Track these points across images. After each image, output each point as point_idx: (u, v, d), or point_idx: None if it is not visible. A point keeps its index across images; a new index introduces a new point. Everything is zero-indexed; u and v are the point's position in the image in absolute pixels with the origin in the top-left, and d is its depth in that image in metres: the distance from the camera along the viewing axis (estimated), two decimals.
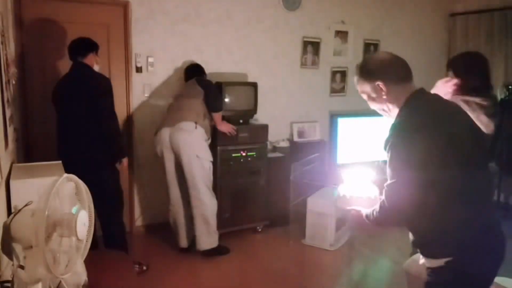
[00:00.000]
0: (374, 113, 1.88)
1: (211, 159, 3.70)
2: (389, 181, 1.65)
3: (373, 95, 1.76)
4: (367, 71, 1.77)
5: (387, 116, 1.80)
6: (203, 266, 3.67)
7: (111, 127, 3.32)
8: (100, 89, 3.28)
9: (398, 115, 1.70)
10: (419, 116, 1.62)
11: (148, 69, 4.13)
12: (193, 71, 4.01)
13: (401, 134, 1.61)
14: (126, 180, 4.16)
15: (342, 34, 5.13)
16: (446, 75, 2.65)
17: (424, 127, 1.58)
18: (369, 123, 4.88)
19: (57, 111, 3.37)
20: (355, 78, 1.82)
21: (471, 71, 2.56)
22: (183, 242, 3.85)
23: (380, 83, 1.71)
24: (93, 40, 3.43)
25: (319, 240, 4.04)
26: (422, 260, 1.77)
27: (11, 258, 1.44)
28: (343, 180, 2.04)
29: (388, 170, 1.66)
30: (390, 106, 1.73)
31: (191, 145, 3.57)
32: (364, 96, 1.81)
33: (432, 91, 2.67)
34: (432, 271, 1.69)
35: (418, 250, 1.76)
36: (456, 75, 2.55)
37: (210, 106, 3.72)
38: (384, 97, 1.72)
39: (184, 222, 3.81)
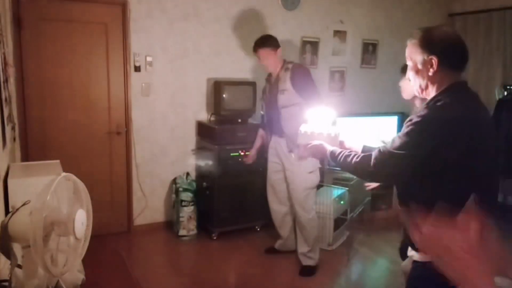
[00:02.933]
0: (372, 113, 1.87)
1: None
2: (389, 146, 1.60)
3: (420, 66, 1.62)
4: (427, 41, 1.60)
5: (418, 93, 1.69)
6: (202, 267, 3.67)
7: None
8: None
9: (433, 100, 1.59)
10: (453, 111, 1.52)
11: (147, 68, 4.12)
12: None
13: (428, 117, 1.53)
14: (124, 179, 4.17)
15: (340, 34, 5.13)
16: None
17: (454, 126, 1.50)
18: (367, 122, 4.89)
19: None
20: (410, 41, 1.65)
21: None
22: None
23: (434, 59, 1.57)
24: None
25: None
26: (411, 252, 1.73)
27: (8, 258, 1.43)
28: (306, 121, 2.09)
29: (394, 137, 1.60)
30: (430, 86, 1.63)
31: None
32: (409, 63, 1.67)
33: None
34: (419, 265, 1.65)
35: (407, 241, 1.70)
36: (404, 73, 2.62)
37: None
38: (430, 74, 1.60)
39: None
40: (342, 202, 4.18)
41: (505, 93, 5.01)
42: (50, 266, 1.31)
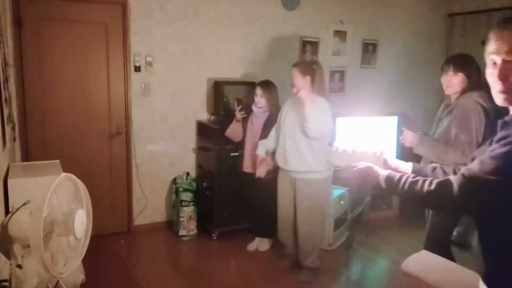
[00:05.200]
0: (372, 113, 1.80)
1: None
2: (477, 168, 1.27)
3: None
4: None
5: (502, 100, 1.30)
6: (202, 266, 3.67)
7: None
8: None
9: None
10: None
11: (147, 68, 4.12)
12: None
13: None
14: (124, 179, 4.17)
15: (340, 34, 5.13)
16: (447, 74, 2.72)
17: None
18: (368, 123, 4.88)
19: None
20: (502, 31, 1.27)
21: (471, 65, 2.71)
22: None
23: None
24: None
25: None
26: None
27: (8, 258, 1.43)
28: (339, 135, 1.79)
29: (482, 158, 1.27)
30: None
31: None
32: (498, 59, 1.26)
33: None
34: None
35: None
36: (458, 70, 2.70)
37: None
38: None
39: None
40: (342, 202, 4.18)
41: None
42: (50, 266, 1.31)
